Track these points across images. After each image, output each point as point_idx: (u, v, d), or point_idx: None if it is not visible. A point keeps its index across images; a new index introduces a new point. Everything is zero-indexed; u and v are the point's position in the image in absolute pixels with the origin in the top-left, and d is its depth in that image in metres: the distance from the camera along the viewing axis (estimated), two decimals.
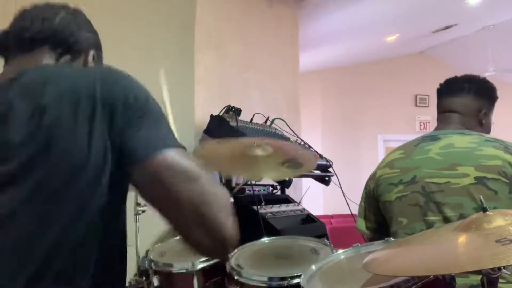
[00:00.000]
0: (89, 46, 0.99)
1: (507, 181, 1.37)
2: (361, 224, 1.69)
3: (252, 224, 2.06)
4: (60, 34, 0.93)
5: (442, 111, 1.63)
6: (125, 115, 0.78)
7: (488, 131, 1.62)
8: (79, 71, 0.87)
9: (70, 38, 0.94)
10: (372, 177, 1.64)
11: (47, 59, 0.92)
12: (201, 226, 0.79)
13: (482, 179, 1.38)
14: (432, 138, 1.55)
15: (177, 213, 0.79)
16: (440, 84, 1.68)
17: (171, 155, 0.79)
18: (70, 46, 0.94)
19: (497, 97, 1.65)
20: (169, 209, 0.80)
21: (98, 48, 1.03)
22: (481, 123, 1.60)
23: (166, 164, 0.78)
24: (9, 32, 0.92)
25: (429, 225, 1.42)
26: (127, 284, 1.66)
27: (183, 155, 0.81)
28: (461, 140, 1.48)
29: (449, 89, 1.63)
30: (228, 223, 0.82)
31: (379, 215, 1.63)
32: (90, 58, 0.98)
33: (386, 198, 1.55)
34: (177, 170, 0.78)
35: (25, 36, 0.91)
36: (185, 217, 0.79)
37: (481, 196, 0.94)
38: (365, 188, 1.68)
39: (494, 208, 1.24)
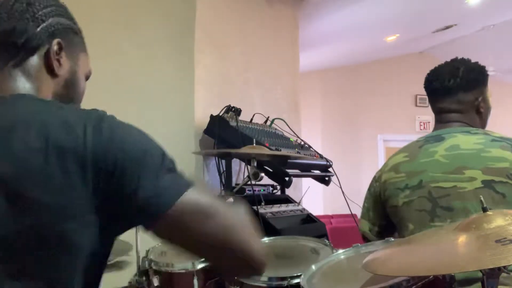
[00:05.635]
0: (50, 36, 0.87)
1: None
2: (364, 226, 1.63)
3: None
4: (8, 36, 0.83)
5: (438, 112, 1.59)
6: (135, 172, 0.74)
7: (487, 112, 1.57)
8: (66, 120, 0.75)
9: (19, 38, 0.84)
10: (378, 180, 1.59)
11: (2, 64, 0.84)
12: (229, 255, 0.80)
13: (489, 183, 1.33)
14: (436, 138, 1.50)
15: (204, 250, 0.80)
16: (426, 88, 1.62)
17: (190, 197, 0.76)
18: (20, 47, 0.84)
19: (487, 75, 1.56)
20: (197, 248, 0.81)
21: (67, 33, 0.90)
22: (478, 111, 1.54)
23: (190, 208, 0.76)
24: None
25: None
26: (127, 284, 1.66)
27: (199, 191, 0.79)
28: (467, 141, 1.43)
29: (436, 93, 1.58)
30: (254, 243, 0.82)
31: (383, 219, 1.58)
32: (53, 48, 0.86)
33: (393, 203, 1.50)
34: (200, 210, 0.77)
35: None
36: (213, 251, 0.80)
37: (481, 196, 0.93)
38: (369, 189, 1.62)
39: None
